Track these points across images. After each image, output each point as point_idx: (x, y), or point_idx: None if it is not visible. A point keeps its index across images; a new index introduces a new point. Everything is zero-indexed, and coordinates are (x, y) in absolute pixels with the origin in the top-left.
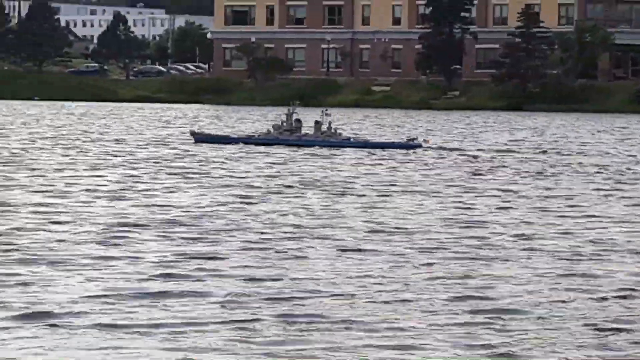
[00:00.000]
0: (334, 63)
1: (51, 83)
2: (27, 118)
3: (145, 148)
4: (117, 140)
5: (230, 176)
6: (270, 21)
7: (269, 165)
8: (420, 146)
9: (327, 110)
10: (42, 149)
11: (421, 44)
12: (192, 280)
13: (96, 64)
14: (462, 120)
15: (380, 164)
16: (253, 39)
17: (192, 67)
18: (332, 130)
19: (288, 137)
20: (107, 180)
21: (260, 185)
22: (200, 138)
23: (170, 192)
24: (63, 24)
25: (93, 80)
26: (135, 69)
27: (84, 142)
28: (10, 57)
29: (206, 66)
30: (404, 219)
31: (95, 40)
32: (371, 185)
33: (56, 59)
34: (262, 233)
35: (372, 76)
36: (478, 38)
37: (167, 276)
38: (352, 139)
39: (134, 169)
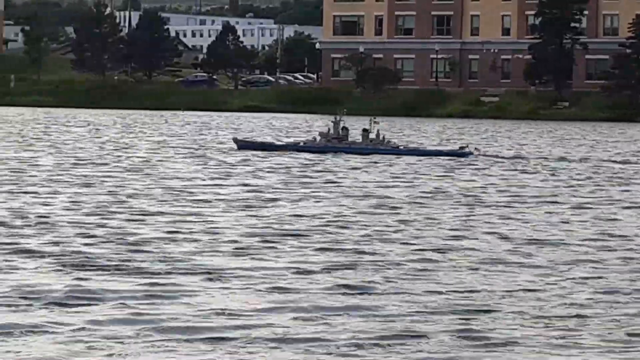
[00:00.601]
0: (443, 73)
1: (161, 93)
2: (143, 127)
3: (267, 159)
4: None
5: (357, 186)
6: (378, 31)
7: (392, 175)
8: (471, 154)
9: (375, 118)
10: (168, 158)
11: (531, 54)
12: (354, 294)
13: (205, 74)
14: (588, 131)
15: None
16: (361, 49)
17: (300, 77)
18: (381, 138)
19: (337, 144)
20: (235, 190)
21: (389, 195)
22: (244, 145)
23: (300, 201)
24: (173, 34)
25: (203, 90)
26: (243, 79)
27: (205, 150)
28: (121, 67)
29: (315, 76)
30: (543, 230)
31: (204, 50)
32: (501, 196)
33: (166, 69)
34: (405, 244)
35: (481, 87)
36: (588, 48)
37: (331, 290)
38: (402, 147)
39: (259, 177)
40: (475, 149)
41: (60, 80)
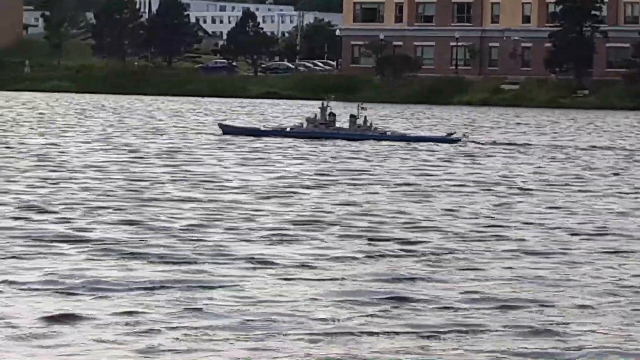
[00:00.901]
0: (463, 61)
1: (181, 79)
2: (168, 113)
3: (299, 145)
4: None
5: (390, 173)
6: (399, 19)
7: (427, 162)
8: (459, 140)
9: (362, 104)
10: (199, 145)
11: (551, 42)
12: (402, 283)
13: (225, 60)
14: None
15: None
16: (382, 37)
17: (320, 64)
18: (368, 124)
19: (324, 130)
20: (269, 176)
21: (420, 183)
22: (228, 130)
23: (337, 189)
24: (193, 20)
25: (222, 77)
26: (263, 66)
27: (232, 137)
28: (141, 52)
29: (334, 63)
30: (584, 219)
31: (224, 37)
32: (542, 184)
33: (185, 55)
34: (446, 232)
35: (501, 74)
36: (609, 37)
37: (377, 279)
38: (388, 133)
39: (292, 165)
40: (464, 135)
41: (80, 65)
